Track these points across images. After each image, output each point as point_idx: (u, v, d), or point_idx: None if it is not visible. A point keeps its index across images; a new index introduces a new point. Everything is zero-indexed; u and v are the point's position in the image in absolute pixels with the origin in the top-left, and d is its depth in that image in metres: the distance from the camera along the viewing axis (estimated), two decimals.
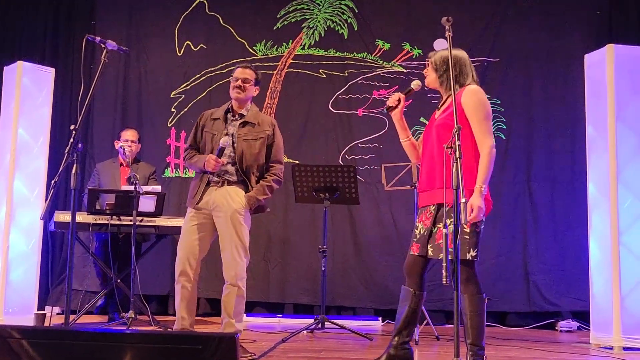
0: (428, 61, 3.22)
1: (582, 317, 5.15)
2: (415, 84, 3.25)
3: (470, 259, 2.91)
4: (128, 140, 5.07)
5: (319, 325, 4.58)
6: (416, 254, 3.09)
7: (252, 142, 3.67)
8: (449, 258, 2.58)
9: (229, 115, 3.74)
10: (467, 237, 2.90)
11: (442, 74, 3.13)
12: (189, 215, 3.69)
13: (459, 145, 2.60)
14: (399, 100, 3.20)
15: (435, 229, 3.02)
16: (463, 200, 2.53)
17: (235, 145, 3.64)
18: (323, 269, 4.55)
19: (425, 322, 4.70)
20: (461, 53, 3.17)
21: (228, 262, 3.58)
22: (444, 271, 2.56)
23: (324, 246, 4.56)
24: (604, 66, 4.32)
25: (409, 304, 3.10)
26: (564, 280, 5.40)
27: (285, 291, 5.68)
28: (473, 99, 3.02)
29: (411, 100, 3.11)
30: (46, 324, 4.41)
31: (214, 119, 3.76)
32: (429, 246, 3.04)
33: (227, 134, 3.67)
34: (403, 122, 3.27)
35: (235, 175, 3.65)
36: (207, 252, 3.72)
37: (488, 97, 3.10)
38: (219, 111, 3.78)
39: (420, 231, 3.11)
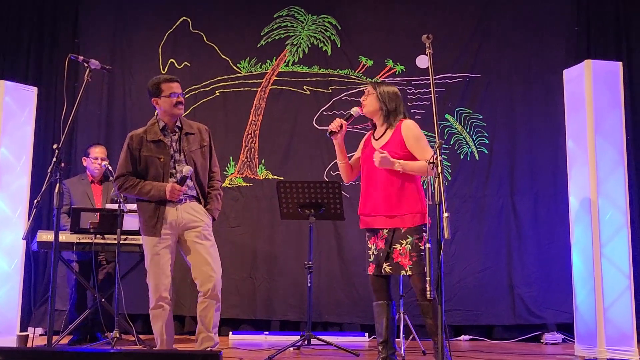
0: (369, 88, 3.46)
1: (567, 329, 5.18)
2: (354, 111, 3.51)
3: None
4: (98, 157, 5.01)
5: (305, 342, 4.56)
6: (372, 273, 3.39)
7: (198, 152, 3.73)
8: (430, 272, 2.64)
9: (165, 134, 3.70)
10: (423, 253, 3.23)
11: (386, 108, 3.39)
12: (153, 241, 3.61)
13: (441, 160, 2.77)
14: (341, 125, 3.44)
15: (392, 250, 3.30)
16: (446, 214, 2.58)
17: (186, 160, 3.67)
18: (309, 284, 4.55)
19: (411, 336, 4.71)
20: (396, 89, 3.46)
21: (207, 276, 3.62)
22: (428, 285, 2.67)
23: (310, 262, 4.55)
24: (582, 81, 4.38)
25: (386, 315, 3.36)
26: (548, 292, 5.43)
27: (272, 308, 5.66)
28: (414, 132, 3.35)
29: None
30: (29, 345, 4.35)
31: (152, 141, 3.66)
32: (385, 265, 3.33)
33: (174, 152, 3.66)
34: (343, 146, 3.53)
35: (195, 190, 3.70)
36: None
37: (470, 112, 3.22)
38: (152, 132, 3.69)
39: (373, 252, 3.40)
